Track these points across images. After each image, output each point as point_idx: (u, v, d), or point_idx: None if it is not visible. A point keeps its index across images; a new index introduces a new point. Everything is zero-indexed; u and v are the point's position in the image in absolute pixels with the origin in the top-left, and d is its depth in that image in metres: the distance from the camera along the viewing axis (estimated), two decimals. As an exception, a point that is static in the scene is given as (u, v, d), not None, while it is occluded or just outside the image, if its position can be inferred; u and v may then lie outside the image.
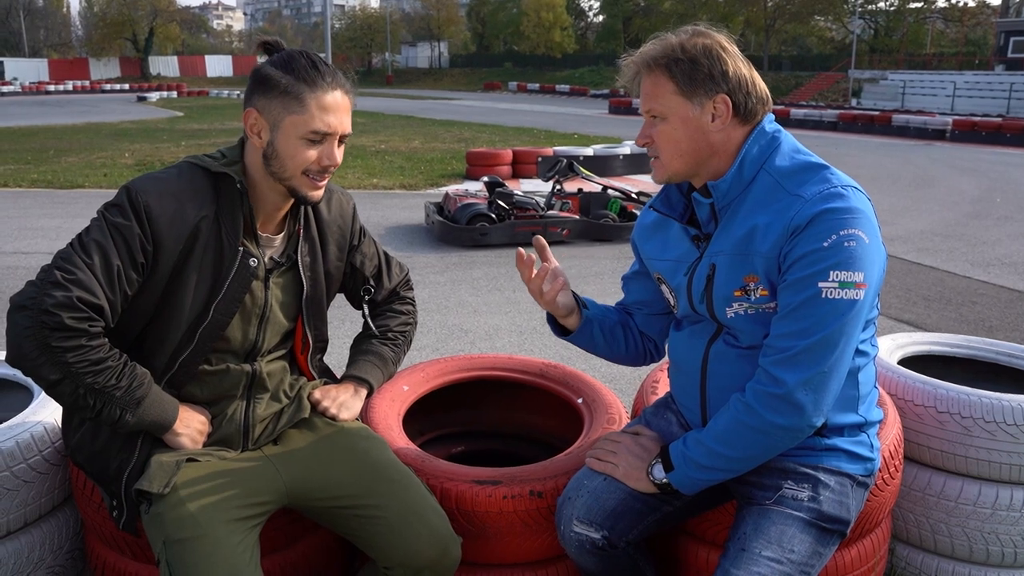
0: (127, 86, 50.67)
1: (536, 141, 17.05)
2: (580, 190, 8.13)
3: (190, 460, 1.59)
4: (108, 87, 50.52)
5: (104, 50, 66.81)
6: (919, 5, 49.75)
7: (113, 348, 1.52)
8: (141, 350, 1.61)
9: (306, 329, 1.78)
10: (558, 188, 7.74)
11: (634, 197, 7.88)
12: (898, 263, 6.79)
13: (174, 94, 43.50)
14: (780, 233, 1.45)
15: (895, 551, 2.25)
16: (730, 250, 1.52)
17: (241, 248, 1.61)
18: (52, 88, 47.31)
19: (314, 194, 1.62)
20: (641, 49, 1.53)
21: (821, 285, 1.40)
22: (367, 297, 1.93)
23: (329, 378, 1.93)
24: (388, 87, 60.26)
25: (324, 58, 1.59)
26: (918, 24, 50.70)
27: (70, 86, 48.81)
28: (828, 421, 1.54)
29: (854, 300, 1.41)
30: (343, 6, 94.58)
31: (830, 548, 1.55)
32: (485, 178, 7.98)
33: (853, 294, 1.40)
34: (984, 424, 2.01)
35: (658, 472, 1.60)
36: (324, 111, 1.55)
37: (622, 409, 2.09)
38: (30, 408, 1.93)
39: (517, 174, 12.06)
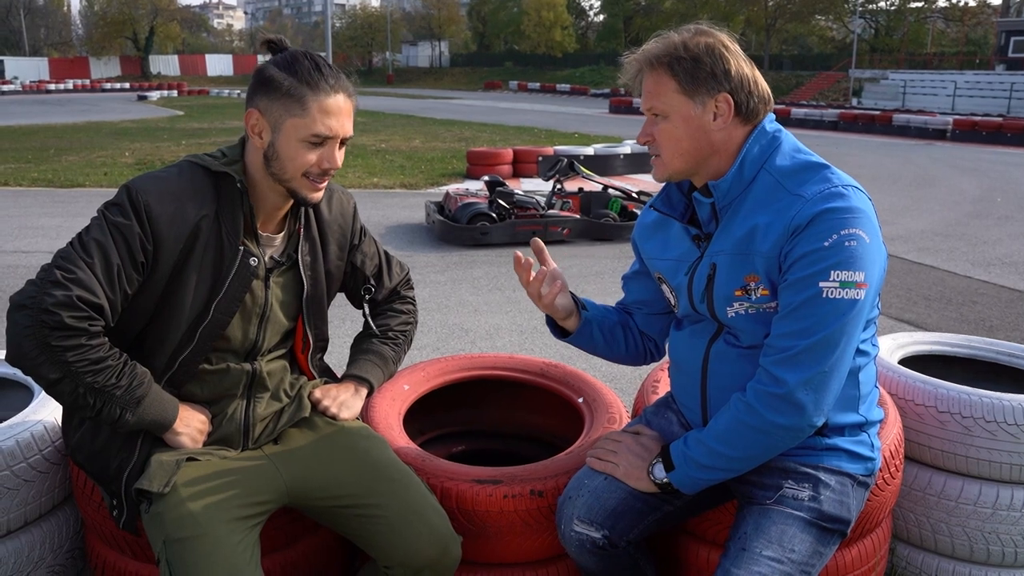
0: (127, 85, 50.68)
1: (537, 140, 17.04)
2: (581, 189, 8.13)
3: (190, 459, 1.59)
4: (108, 86, 50.50)
5: (104, 49, 66.84)
6: (920, 5, 49.71)
7: (113, 347, 1.52)
8: (141, 349, 1.61)
9: (306, 328, 1.77)
10: (559, 187, 7.73)
11: (635, 196, 7.87)
12: (899, 263, 6.79)
13: (174, 93, 43.47)
14: (781, 233, 1.45)
15: (895, 551, 2.25)
16: (731, 250, 1.52)
17: (241, 247, 1.60)
18: (52, 87, 47.31)
19: (314, 196, 1.62)
20: (643, 47, 1.53)
21: (822, 285, 1.40)
22: (368, 296, 1.93)
23: (329, 377, 1.92)
24: (389, 86, 60.19)
25: (325, 58, 1.58)
26: (919, 24, 50.66)
27: (70, 85, 48.79)
28: (829, 421, 1.54)
29: (855, 300, 1.41)
30: (344, 5, 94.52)
31: (831, 548, 1.55)
32: (486, 177, 7.97)
33: (854, 294, 1.40)
34: (985, 424, 2.01)
35: (659, 471, 1.60)
36: (326, 115, 1.54)
37: (623, 408, 2.09)
38: (30, 407, 1.94)
39: (518, 173, 12.05)
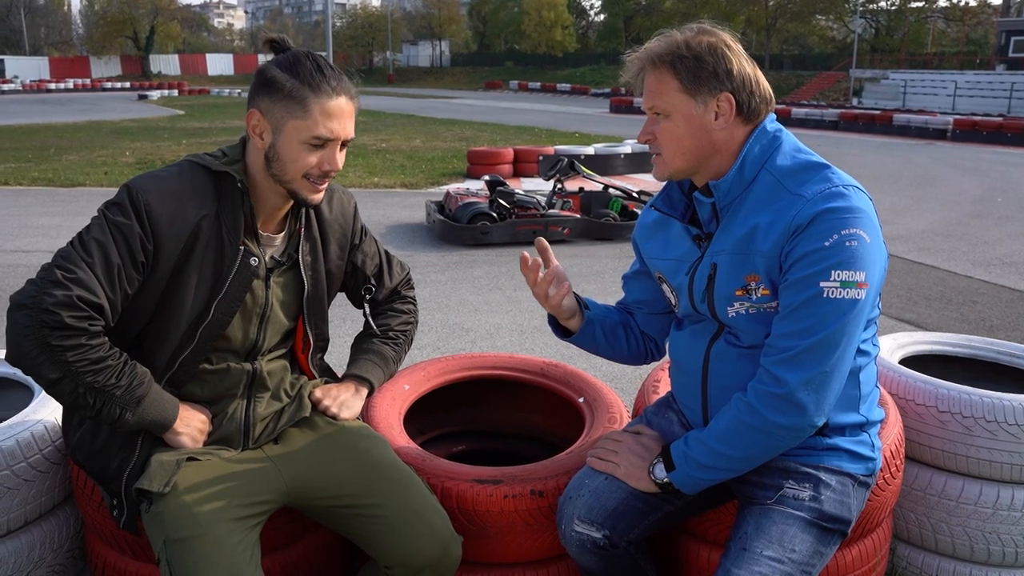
0: (128, 84, 50.73)
1: (537, 140, 17.04)
2: (581, 189, 8.13)
3: (190, 459, 1.59)
4: (109, 85, 50.56)
5: (105, 48, 66.89)
6: (920, 4, 49.72)
7: (113, 347, 1.52)
8: (141, 349, 1.61)
9: (307, 328, 1.77)
10: (559, 187, 7.73)
11: (635, 196, 7.87)
12: (899, 262, 6.79)
13: (175, 92, 43.50)
14: (781, 232, 1.45)
15: (896, 551, 2.25)
16: (731, 249, 1.52)
17: (242, 247, 1.60)
18: (53, 86, 47.38)
19: (314, 197, 1.62)
20: (646, 45, 1.52)
21: (823, 284, 1.40)
22: (368, 296, 1.93)
23: (330, 377, 1.92)
24: (389, 86, 60.19)
25: (326, 58, 1.58)
26: (919, 23, 50.65)
27: (71, 84, 48.84)
28: (829, 421, 1.54)
29: (856, 299, 1.40)
30: (344, 4, 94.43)
31: (831, 548, 1.54)
32: (486, 177, 7.98)
33: (855, 293, 1.40)
34: (985, 424, 2.01)
35: (659, 471, 1.60)
36: (327, 117, 1.54)
37: (623, 408, 2.09)
38: (30, 407, 1.93)
39: (518, 173, 12.05)
